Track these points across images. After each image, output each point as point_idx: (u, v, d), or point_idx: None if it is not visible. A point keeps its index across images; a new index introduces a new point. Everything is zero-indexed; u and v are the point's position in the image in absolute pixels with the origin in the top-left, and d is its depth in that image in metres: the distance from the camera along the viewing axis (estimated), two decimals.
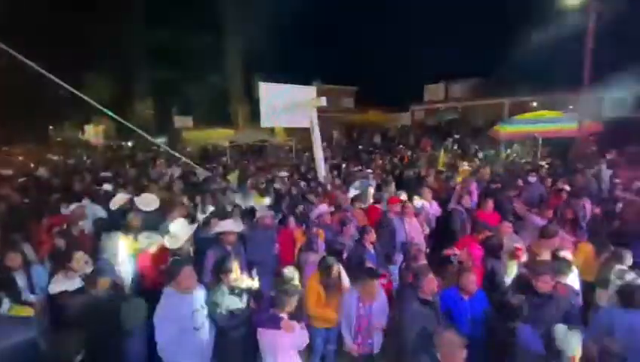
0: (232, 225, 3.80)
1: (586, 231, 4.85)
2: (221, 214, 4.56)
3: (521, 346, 2.46)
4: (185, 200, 5.75)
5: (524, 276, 3.10)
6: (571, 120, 10.20)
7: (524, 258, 3.72)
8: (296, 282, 3.18)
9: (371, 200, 6.01)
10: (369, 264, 3.78)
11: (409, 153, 13.68)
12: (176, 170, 10.19)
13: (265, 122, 7.76)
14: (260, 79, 8.18)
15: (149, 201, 4.72)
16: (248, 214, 4.93)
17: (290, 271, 3.25)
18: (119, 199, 5.23)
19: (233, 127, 25.52)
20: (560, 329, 1.98)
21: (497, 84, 20.71)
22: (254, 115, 8.37)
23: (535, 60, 16.20)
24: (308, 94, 8.40)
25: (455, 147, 15.13)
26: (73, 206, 4.88)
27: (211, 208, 5.45)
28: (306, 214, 5.03)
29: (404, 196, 5.62)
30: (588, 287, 3.67)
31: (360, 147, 18.85)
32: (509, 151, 12.84)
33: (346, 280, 3.29)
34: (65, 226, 4.56)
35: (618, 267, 3.53)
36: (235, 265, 3.08)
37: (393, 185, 7.44)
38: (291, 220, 4.51)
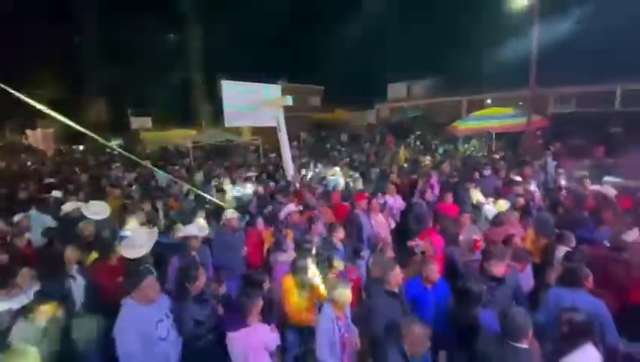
0: (196, 230, 3.67)
1: (536, 218, 5.27)
2: (184, 218, 4.39)
3: (482, 330, 2.63)
4: (145, 205, 5.46)
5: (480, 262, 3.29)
6: (520, 115, 11.00)
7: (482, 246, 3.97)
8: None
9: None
10: (338, 261, 3.85)
11: (375, 150, 14.02)
12: (133, 174, 9.65)
13: (229, 122, 7.57)
14: (223, 78, 7.96)
15: (97, 209, 4.43)
16: (214, 217, 4.79)
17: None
18: (69, 207, 4.86)
19: (196, 127, 24.62)
20: (515, 309, 2.14)
21: (456, 83, 21.88)
22: (218, 115, 8.14)
23: (488, 61, 17.33)
24: (273, 93, 8.32)
25: (418, 143, 15.75)
26: (18, 216, 4.46)
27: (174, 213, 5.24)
28: (275, 214, 4.98)
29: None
30: (537, 269, 3.99)
31: (328, 145, 19.01)
32: (466, 146, 13.62)
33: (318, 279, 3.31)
34: (8, 238, 4.16)
35: (563, 248, 3.88)
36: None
37: (360, 181, 7.62)
38: (259, 221, 4.45)
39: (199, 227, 3.83)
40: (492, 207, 5.20)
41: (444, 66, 24.09)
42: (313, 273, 3.28)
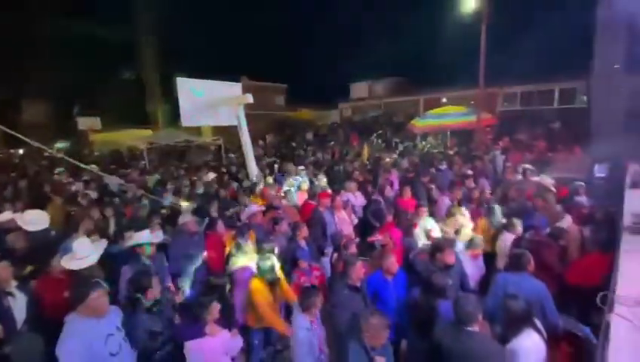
0: (149, 236, 3.46)
1: (486, 208, 5.66)
2: (137, 225, 4.12)
3: (441, 318, 2.77)
4: (93, 213, 5.06)
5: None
6: (472, 113, 11.74)
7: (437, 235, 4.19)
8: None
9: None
10: (302, 260, 3.86)
11: (339, 148, 14.21)
12: (81, 179, 8.91)
13: (185, 121, 7.23)
14: (180, 75, 7.59)
15: (34, 219, 4.02)
16: (171, 221, 4.56)
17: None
18: (3, 217, 4.36)
19: (152, 127, 23.27)
20: (464, 295, 2.27)
21: (413, 83, 22.87)
22: (176, 114, 7.72)
23: (443, 61, 18.30)
24: (233, 91, 8.09)
25: (380, 141, 16.20)
26: None
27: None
28: (238, 216, 4.86)
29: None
30: (488, 256, 4.27)
31: (293, 144, 18.95)
32: (424, 142, 14.26)
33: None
34: None
35: (510, 236, 4.20)
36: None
37: (324, 179, 7.68)
38: (219, 224, 4.30)
39: (153, 233, 3.61)
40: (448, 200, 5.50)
41: (402, 67, 25.08)
42: (279, 273, 3.25)
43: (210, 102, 7.48)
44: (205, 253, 3.93)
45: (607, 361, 1.93)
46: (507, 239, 4.05)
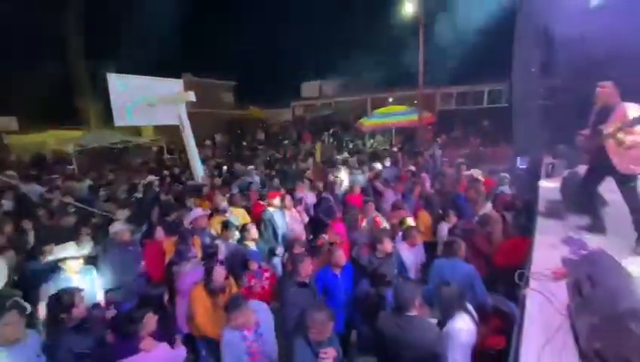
0: (73, 249, 3.11)
1: (426, 200, 6.08)
2: (61, 237, 3.68)
3: (385, 306, 2.90)
4: (6, 226, 4.40)
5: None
6: (413, 112, 12.50)
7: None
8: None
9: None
10: (252, 262, 3.78)
11: (292, 147, 14.19)
12: None
13: (118, 120, 6.64)
14: (110, 70, 6.93)
15: None
16: (103, 231, 4.15)
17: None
18: None
19: (82, 128, 20.91)
20: (402, 282, 2.42)
21: (362, 83, 23.65)
22: (110, 113, 7.04)
23: (388, 62, 19.17)
24: (173, 88, 7.61)
25: (331, 140, 16.50)
26: None
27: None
28: (181, 221, 4.58)
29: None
30: (428, 246, 4.57)
31: (244, 144, 18.47)
32: (372, 140, 14.86)
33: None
34: None
35: (446, 225, 4.54)
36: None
37: (276, 179, 7.60)
38: (158, 230, 4.01)
39: (79, 245, 3.25)
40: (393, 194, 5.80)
41: (350, 68, 25.78)
42: (228, 280, 3.12)
43: (146, 100, 6.95)
44: (143, 263, 3.64)
45: (523, 329, 2.19)
46: (443, 228, 4.38)
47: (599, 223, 3.43)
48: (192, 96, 7.26)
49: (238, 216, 5.04)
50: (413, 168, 7.38)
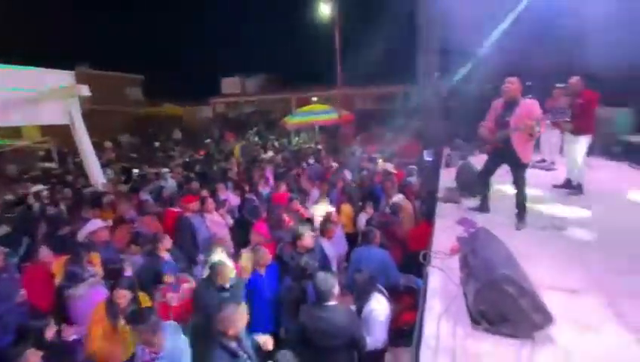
0: None
1: (347, 194, 6.42)
2: None
3: (307, 299, 2.96)
4: None
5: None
6: (334, 111, 13.03)
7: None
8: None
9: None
10: (167, 274, 3.48)
11: (213, 147, 13.44)
12: None
13: None
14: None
15: None
16: None
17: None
18: None
19: None
20: (320, 274, 2.51)
21: (286, 81, 23.70)
22: None
23: (312, 62, 19.54)
24: (61, 80, 6.47)
25: (256, 138, 16.16)
26: None
27: None
28: (74, 236, 3.93)
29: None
30: (350, 237, 4.83)
31: (157, 144, 16.78)
32: (297, 138, 15.05)
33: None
34: None
35: (364, 216, 4.85)
36: None
37: (195, 182, 7.10)
38: (43, 250, 3.35)
39: None
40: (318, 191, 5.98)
41: (274, 65, 25.62)
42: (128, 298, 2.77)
43: (25, 95, 5.77)
44: (23, 291, 3.00)
45: (426, 302, 2.48)
46: (362, 219, 4.68)
47: (486, 205, 4.04)
48: (85, 90, 6.26)
49: (147, 225, 4.55)
50: (335, 164, 7.70)
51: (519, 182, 3.51)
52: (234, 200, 5.92)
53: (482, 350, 1.92)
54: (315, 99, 22.33)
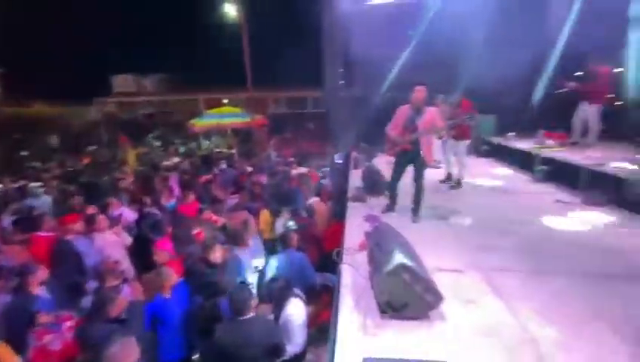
0: None
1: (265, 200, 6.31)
2: None
3: (222, 317, 2.77)
4: None
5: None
6: (247, 114, 12.71)
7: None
8: None
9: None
10: (42, 313, 2.84)
11: (102, 153, 11.59)
12: None
13: None
14: None
15: None
16: None
17: None
18: None
19: None
20: (235, 288, 2.39)
21: (189, 81, 22.06)
22: None
23: (221, 63, 18.62)
24: None
25: (158, 143, 14.59)
26: None
27: None
28: None
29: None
30: (268, 243, 4.75)
31: (24, 153, 13.64)
32: (207, 142, 14.16)
33: None
34: None
35: (281, 220, 4.83)
36: None
37: (79, 197, 5.98)
38: None
39: None
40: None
41: (174, 63, 23.56)
42: None
43: None
44: None
45: (339, 298, 2.59)
46: (280, 224, 4.65)
47: (392, 205, 4.33)
48: None
49: (11, 254, 3.65)
50: (250, 169, 7.49)
51: (421, 181, 3.90)
52: (130, 215, 5.19)
53: (390, 336, 2.09)
54: (226, 101, 21.40)
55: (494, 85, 7.21)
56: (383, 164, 6.86)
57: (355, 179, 5.90)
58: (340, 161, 8.85)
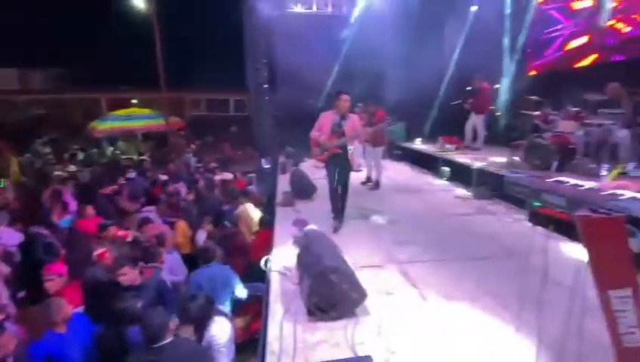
0: None
1: (183, 210, 5.82)
2: None
3: (132, 346, 2.46)
4: None
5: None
6: (160, 117, 11.61)
7: None
8: None
9: None
10: None
11: None
12: None
13: None
14: None
15: None
16: None
17: None
18: None
19: None
20: (148, 312, 2.15)
21: (90, 78, 19.12)
22: None
23: (126, 60, 16.58)
24: None
25: (47, 150, 12.25)
26: None
27: None
28: None
29: None
30: (189, 257, 4.39)
31: None
32: (111, 148, 12.43)
33: None
34: None
35: (203, 232, 4.53)
36: None
37: None
38: None
39: None
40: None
41: (73, 57, 20.14)
42: None
43: None
44: None
45: (269, 306, 2.55)
46: (201, 236, 4.35)
47: (338, 210, 4.06)
48: None
49: None
50: (165, 177, 6.83)
51: (346, 187, 4.04)
52: (12, 238, 4.25)
53: (319, 339, 2.13)
54: (134, 101, 19.15)
55: (403, 96, 8.11)
56: (311, 167, 7.05)
57: (284, 183, 5.90)
58: (268, 166, 8.74)
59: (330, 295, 2.29)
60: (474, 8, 8.13)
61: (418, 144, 8.35)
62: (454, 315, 2.33)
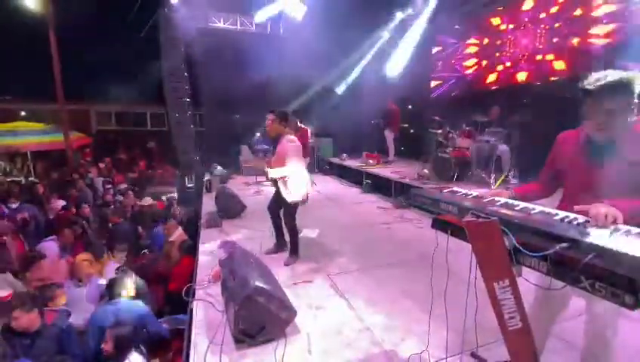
0: None
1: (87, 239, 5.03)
2: None
3: None
4: None
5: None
6: (58, 131, 9.99)
7: None
8: None
9: None
10: None
11: None
12: None
13: None
14: None
15: None
16: None
17: None
18: None
19: None
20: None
21: None
22: None
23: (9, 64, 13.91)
24: None
25: None
26: None
27: None
28: None
29: None
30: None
31: None
32: None
33: None
34: None
35: (112, 262, 3.98)
36: None
37: None
38: None
39: None
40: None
41: None
42: None
43: None
44: None
45: (191, 338, 2.33)
46: (111, 267, 3.81)
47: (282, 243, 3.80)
48: None
49: None
50: (63, 203, 5.83)
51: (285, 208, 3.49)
52: None
53: None
54: (23, 113, 16.10)
55: (330, 114, 8.57)
56: (240, 184, 6.80)
57: (209, 203, 5.57)
58: (192, 185, 8.19)
59: (258, 318, 2.21)
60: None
61: (344, 159, 8.81)
62: (378, 320, 2.48)
